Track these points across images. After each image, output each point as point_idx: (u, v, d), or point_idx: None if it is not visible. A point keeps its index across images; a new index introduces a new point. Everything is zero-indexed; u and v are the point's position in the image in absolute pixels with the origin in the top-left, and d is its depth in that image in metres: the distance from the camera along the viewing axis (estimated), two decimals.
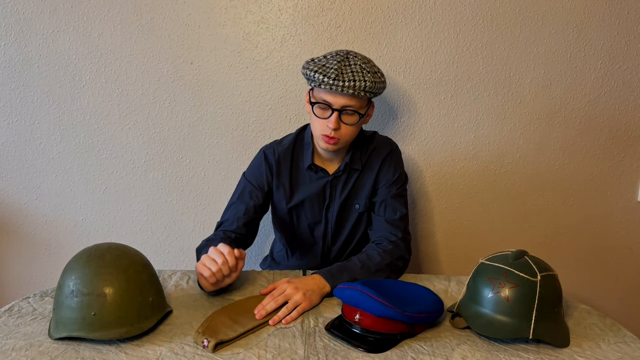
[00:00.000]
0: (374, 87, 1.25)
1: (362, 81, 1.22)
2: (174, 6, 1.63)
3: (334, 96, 1.24)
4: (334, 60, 1.26)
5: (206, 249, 1.29)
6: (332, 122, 1.25)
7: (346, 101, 1.24)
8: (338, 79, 1.21)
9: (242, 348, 0.99)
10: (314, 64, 1.26)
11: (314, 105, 1.28)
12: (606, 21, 1.68)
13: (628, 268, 1.92)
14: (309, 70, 1.25)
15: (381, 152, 1.41)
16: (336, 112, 1.25)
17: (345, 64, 1.24)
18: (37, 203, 1.78)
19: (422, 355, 0.99)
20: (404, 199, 1.42)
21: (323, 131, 1.28)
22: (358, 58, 1.28)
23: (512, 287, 1.03)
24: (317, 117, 1.28)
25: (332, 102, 1.25)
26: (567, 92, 1.74)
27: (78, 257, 1.02)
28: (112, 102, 1.70)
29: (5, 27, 1.62)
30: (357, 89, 1.22)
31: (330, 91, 1.24)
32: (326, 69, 1.23)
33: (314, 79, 1.24)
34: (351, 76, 1.22)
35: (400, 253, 1.34)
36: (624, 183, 1.83)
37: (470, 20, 1.66)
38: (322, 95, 1.26)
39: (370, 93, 1.26)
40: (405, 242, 1.37)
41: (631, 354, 1.01)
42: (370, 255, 1.29)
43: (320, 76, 1.22)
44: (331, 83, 1.21)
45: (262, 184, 1.42)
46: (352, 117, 1.28)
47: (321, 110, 1.28)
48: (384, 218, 1.38)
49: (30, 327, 1.05)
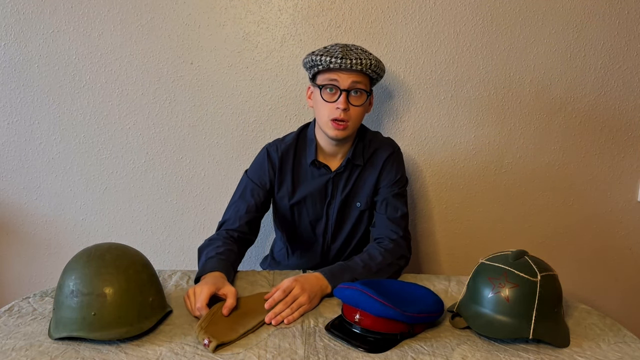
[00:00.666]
0: (378, 66, 1.31)
1: (367, 59, 1.28)
2: (174, 6, 1.63)
3: (341, 75, 1.28)
4: (336, 47, 1.31)
5: (208, 248, 1.29)
6: (341, 103, 1.28)
7: (353, 77, 1.28)
8: (345, 57, 1.26)
9: (242, 348, 0.99)
10: (317, 52, 1.31)
11: (322, 88, 1.31)
12: (606, 21, 1.68)
13: (628, 268, 1.92)
14: (314, 56, 1.30)
15: (384, 152, 1.42)
16: (344, 93, 1.28)
17: (348, 49, 1.30)
18: (37, 203, 1.78)
19: (422, 355, 0.99)
20: (404, 198, 1.43)
21: (332, 115, 1.30)
22: (357, 46, 1.34)
23: (512, 287, 1.03)
24: (325, 102, 1.31)
25: (340, 81, 1.28)
26: (567, 92, 1.74)
27: (78, 257, 1.02)
28: (112, 102, 1.70)
29: (5, 27, 1.62)
30: (364, 65, 1.27)
31: (339, 69, 1.28)
32: (331, 52, 1.28)
33: (321, 62, 1.28)
34: (357, 55, 1.28)
35: (402, 252, 1.35)
36: (624, 183, 1.83)
37: (470, 20, 1.66)
38: (329, 76, 1.30)
39: (375, 73, 1.32)
40: (406, 240, 1.38)
41: (631, 354, 1.01)
42: (372, 255, 1.29)
43: (327, 57, 1.27)
44: (340, 62, 1.25)
45: (265, 182, 1.42)
46: (360, 97, 1.31)
47: (329, 93, 1.30)
48: (386, 216, 1.39)
49: (30, 327, 1.05)
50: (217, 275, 1.18)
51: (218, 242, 1.30)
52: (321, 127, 1.35)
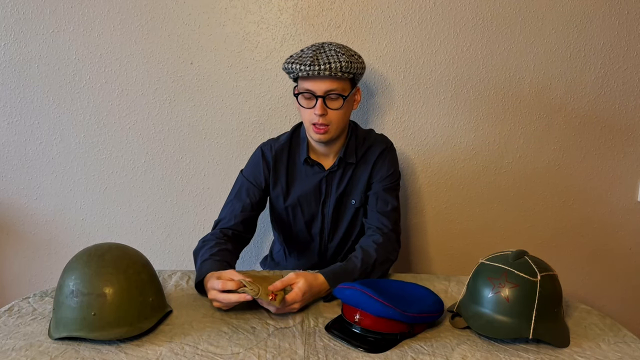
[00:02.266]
0: (350, 66, 1.28)
1: (337, 62, 1.26)
2: (174, 6, 1.63)
3: (314, 82, 1.28)
4: (309, 51, 1.31)
5: (202, 251, 1.29)
6: (317, 109, 1.29)
7: (327, 85, 1.28)
8: (314, 64, 1.26)
9: (242, 348, 0.99)
10: (291, 58, 1.32)
11: (298, 96, 1.33)
12: (606, 21, 1.68)
13: (628, 268, 1.92)
14: (287, 64, 1.31)
15: (377, 148, 1.43)
16: (320, 99, 1.29)
17: (320, 52, 1.30)
18: (37, 203, 1.78)
19: (422, 355, 0.99)
20: (396, 192, 1.44)
21: (311, 120, 1.32)
22: (333, 45, 1.33)
23: (512, 287, 1.03)
24: (304, 108, 1.33)
25: (314, 89, 1.29)
26: (567, 92, 1.74)
27: (78, 257, 1.02)
28: (112, 102, 1.70)
29: (5, 27, 1.62)
30: (333, 70, 1.26)
31: (308, 77, 1.28)
32: (302, 59, 1.29)
33: (292, 70, 1.29)
34: (326, 59, 1.27)
35: (393, 246, 1.37)
36: (624, 183, 1.83)
37: (470, 20, 1.66)
38: (304, 84, 1.31)
39: (348, 73, 1.29)
40: (396, 234, 1.40)
41: (631, 354, 1.01)
42: (368, 252, 1.29)
43: (297, 65, 1.27)
44: (308, 69, 1.25)
45: (260, 181, 1.43)
46: (337, 101, 1.31)
47: (306, 100, 1.32)
48: (376, 209, 1.40)
49: (30, 327, 1.05)
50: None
51: (211, 243, 1.30)
52: (306, 130, 1.38)
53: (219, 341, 1.01)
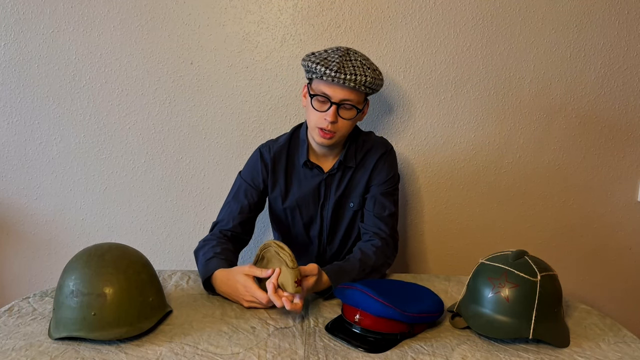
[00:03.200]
0: (373, 82, 1.27)
1: (363, 75, 1.24)
2: (174, 6, 1.63)
3: (334, 89, 1.26)
4: (335, 55, 1.28)
5: (204, 249, 1.29)
6: (330, 115, 1.26)
7: (345, 94, 1.26)
8: (340, 72, 1.22)
9: (242, 348, 0.99)
10: (315, 57, 1.28)
11: (313, 97, 1.29)
12: (606, 21, 1.68)
13: (628, 268, 1.92)
14: (311, 62, 1.27)
15: (377, 152, 1.42)
16: (334, 106, 1.26)
17: (346, 59, 1.26)
18: (37, 203, 1.78)
19: (422, 355, 0.99)
20: (394, 197, 1.43)
21: (319, 124, 1.29)
22: (358, 54, 1.30)
23: (512, 287, 1.03)
24: (315, 110, 1.29)
25: (331, 95, 1.26)
26: (567, 92, 1.74)
27: (78, 257, 1.02)
28: (112, 102, 1.70)
29: (5, 27, 1.62)
30: (358, 82, 1.23)
31: (332, 83, 1.25)
32: (328, 62, 1.25)
33: (315, 71, 1.25)
34: (352, 70, 1.24)
35: (392, 251, 1.37)
36: (624, 183, 1.83)
37: (470, 20, 1.66)
38: (322, 87, 1.27)
39: (370, 89, 1.29)
40: (394, 239, 1.39)
41: (631, 354, 1.01)
42: (367, 254, 1.30)
43: (322, 68, 1.24)
44: (333, 75, 1.22)
45: (258, 183, 1.43)
46: (350, 111, 1.29)
47: (320, 103, 1.29)
48: (373, 213, 1.40)
49: (30, 327, 1.05)
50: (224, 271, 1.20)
51: (213, 242, 1.31)
52: (309, 130, 1.36)
53: (219, 341, 1.01)
